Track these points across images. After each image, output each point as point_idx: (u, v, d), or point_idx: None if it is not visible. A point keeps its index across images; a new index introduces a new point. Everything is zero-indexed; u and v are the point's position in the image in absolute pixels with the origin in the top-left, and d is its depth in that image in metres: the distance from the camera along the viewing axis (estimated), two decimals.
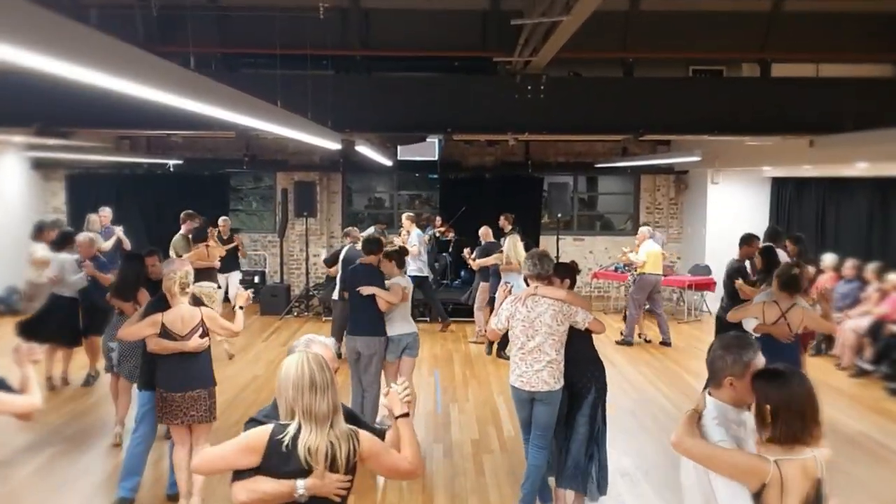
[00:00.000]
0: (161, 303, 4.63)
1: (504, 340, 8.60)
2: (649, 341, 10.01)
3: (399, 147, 11.63)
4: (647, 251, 9.81)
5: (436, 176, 13.42)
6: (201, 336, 4.59)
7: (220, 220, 10.02)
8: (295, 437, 2.37)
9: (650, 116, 7.05)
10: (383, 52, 7.20)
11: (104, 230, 9.44)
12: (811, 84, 7.44)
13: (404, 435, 2.58)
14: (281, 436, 2.38)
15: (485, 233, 9.77)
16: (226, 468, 2.46)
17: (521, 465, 5.52)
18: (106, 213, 9.82)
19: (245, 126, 4.35)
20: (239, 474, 2.43)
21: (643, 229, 10.25)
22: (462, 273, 12.47)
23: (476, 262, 9.39)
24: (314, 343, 2.69)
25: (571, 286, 4.90)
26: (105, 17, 6.06)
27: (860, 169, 9.57)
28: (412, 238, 10.15)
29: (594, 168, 12.87)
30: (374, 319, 5.76)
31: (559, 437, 4.81)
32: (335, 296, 8.32)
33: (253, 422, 2.53)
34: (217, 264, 8.89)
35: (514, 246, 8.50)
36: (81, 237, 7.18)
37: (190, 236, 8.99)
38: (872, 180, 10.03)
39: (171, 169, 12.63)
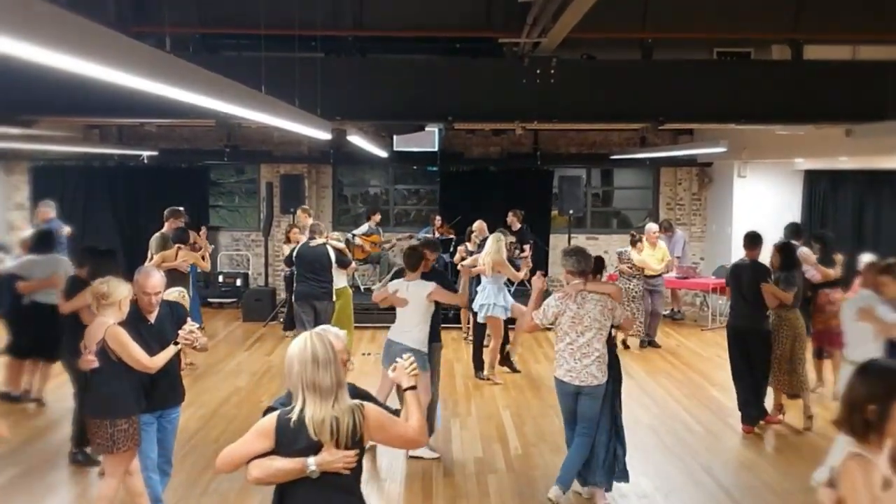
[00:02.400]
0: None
1: (479, 361, 8.64)
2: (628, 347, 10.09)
3: (395, 137, 11.66)
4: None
5: (435, 168, 13.42)
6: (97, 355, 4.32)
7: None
8: (301, 413, 2.70)
9: (671, 103, 7.05)
10: (378, 33, 7.19)
11: (46, 223, 9.56)
12: (848, 67, 7.43)
13: (411, 405, 2.91)
14: (288, 415, 2.71)
15: (480, 228, 9.54)
16: (244, 459, 2.76)
17: (530, 485, 5.57)
18: (48, 207, 9.96)
19: (226, 114, 4.35)
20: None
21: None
22: None
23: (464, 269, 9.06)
24: (329, 333, 2.94)
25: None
26: None
27: None
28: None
29: (609, 160, 12.86)
30: None
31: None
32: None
33: (270, 410, 2.84)
34: (184, 268, 8.58)
35: (498, 249, 8.38)
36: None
37: (170, 236, 8.92)
38: None
39: (145, 161, 12.63)
